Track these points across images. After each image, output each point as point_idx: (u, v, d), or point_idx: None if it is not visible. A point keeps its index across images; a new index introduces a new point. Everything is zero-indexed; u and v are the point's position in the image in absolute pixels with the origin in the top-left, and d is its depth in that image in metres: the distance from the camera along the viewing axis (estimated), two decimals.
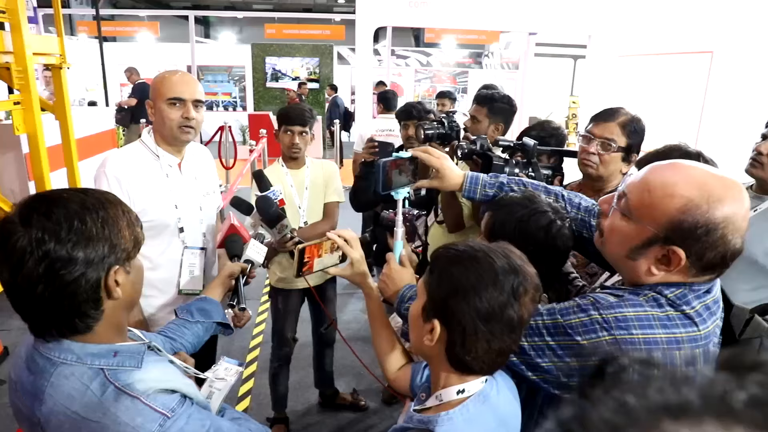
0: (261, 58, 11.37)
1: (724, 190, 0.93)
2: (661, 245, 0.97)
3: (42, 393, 0.92)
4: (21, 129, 3.94)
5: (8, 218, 0.89)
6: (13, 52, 3.75)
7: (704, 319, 1.00)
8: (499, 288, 0.89)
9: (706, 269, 0.98)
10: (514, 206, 1.29)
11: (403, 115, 2.95)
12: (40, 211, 0.88)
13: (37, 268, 0.86)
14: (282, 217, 1.93)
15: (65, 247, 0.87)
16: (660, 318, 0.98)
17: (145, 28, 13.10)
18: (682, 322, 0.98)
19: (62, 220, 0.88)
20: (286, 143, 2.45)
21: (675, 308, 0.99)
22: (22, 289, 0.88)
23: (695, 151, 1.63)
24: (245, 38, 19.18)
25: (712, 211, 0.92)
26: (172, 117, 1.82)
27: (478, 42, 13.71)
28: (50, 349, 0.93)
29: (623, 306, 1.00)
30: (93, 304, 0.93)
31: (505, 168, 1.82)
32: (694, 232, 0.93)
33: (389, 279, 1.36)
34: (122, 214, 0.97)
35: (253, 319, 4.03)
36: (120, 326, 1.02)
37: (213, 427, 0.99)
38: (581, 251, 1.45)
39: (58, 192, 0.94)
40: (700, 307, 1.00)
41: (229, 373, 1.37)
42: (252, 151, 6.21)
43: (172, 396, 0.95)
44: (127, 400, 0.90)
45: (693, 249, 0.95)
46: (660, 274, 1.00)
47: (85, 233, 0.89)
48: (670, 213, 0.95)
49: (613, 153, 1.77)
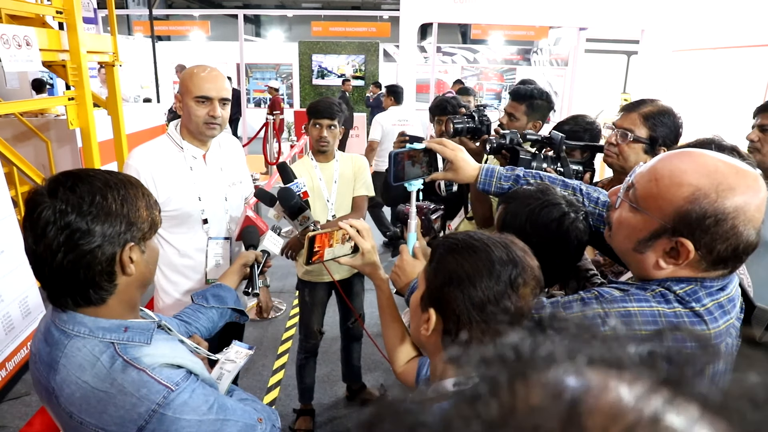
0: (308, 55, 11.53)
1: (736, 178, 0.88)
2: (668, 237, 0.93)
3: (56, 363, 0.97)
4: (75, 123, 4.14)
5: (38, 190, 0.96)
6: (69, 50, 3.95)
7: (715, 318, 0.94)
8: (495, 278, 0.87)
9: (718, 263, 0.92)
10: (527, 198, 1.26)
11: (437, 110, 2.92)
12: (66, 185, 0.94)
13: (58, 237, 0.92)
14: (304, 209, 1.94)
15: (85, 220, 0.93)
16: (666, 314, 0.93)
17: (196, 27, 13.52)
18: (690, 320, 0.93)
19: (85, 194, 0.94)
20: (314, 136, 2.48)
21: (684, 305, 0.94)
22: (44, 257, 0.94)
23: (729, 145, 1.54)
24: (293, 36, 19.51)
25: (722, 200, 0.86)
26: (199, 114, 1.87)
27: (526, 38, 13.42)
28: (65, 322, 0.99)
29: (627, 300, 0.96)
30: (107, 277, 0.98)
31: (533, 162, 1.78)
32: (703, 222, 0.88)
33: (401, 270, 1.36)
34: (141, 196, 1.03)
35: (287, 311, 4.10)
36: (132, 303, 1.07)
37: (217, 402, 1.02)
38: (599, 247, 1.40)
39: (85, 170, 1.00)
40: (712, 305, 0.94)
41: (239, 355, 1.41)
42: (293, 147, 6.30)
43: (177, 371, 0.99)
44: (133, 372, 0.95)
45: (702, 241, 0.89)
46: (669, 267, 0.95)
47: (104, 208, 0.95)
48: (677, 202, 0.90)
49: (632, 143, 1.70)
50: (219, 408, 1.02)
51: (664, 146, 1.68)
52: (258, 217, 1.84)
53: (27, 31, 3.37)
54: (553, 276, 1.30)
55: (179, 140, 1.94)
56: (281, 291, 4.41)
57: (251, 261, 1.66)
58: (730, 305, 0.97)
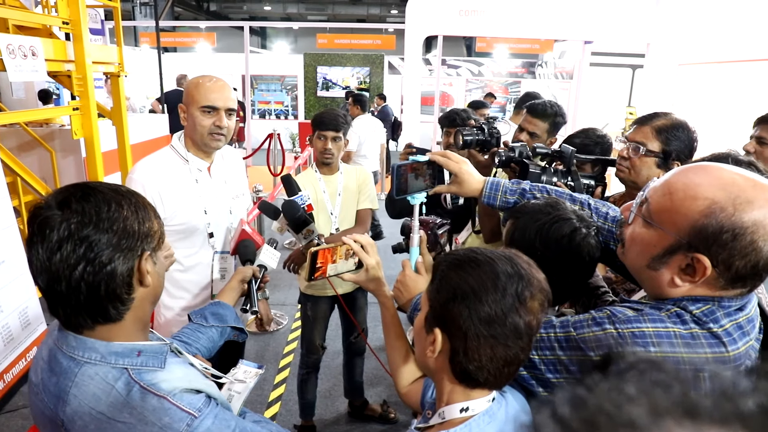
0: (313, 67, 11.56)
1: (754, 191, 0.83)
2: (684, 253, 0.88)
3: (66, 394, 0.91)
4: (79, 133, 4.14)
5: (44, 204, 0.90)
6: (74, 60, 3.95)
7: (734, 339, 0.89)
8: (501, 291, 0.84)
9: (736, 281, 0.88)
10: (537, 213, 1.22)
11: (446, 122, 2.89)
12: (77, 196, 0.90)
13: (76, 250, 0.88)
14: (308, 222, 1.92)
15: (103, 231, 0.89)
16: (683, 336, 0.89)
17: (202, 39, 13.61)
18: (708, 341, 0.88)
19: (100, 204, 0.90)
20: (319, 148, 2.45)
21: (701, 326, 0.89)
22: (58, 274, 0.88)
23: (747, 160, 1.49)
24: (299, 48, 19.64)
25: (739, 214, 0.82)
26: (204, 124, 1.84)
27: (532, 51, 13.44)
28: (74, 348, 0.93)
29: (641, 321, 0.91)
30: (126, 289, 0.94)
31: (543, 176, 1.74)
32: (720, 237, 0.84)
33: (404, 286, 1.32)
34: (149, 206, 1.00)
35: (289, 325, 4.05)
36: (145, 320, 1.02)
37: (238, 427, 0.97)
38: (608, 263, 1.35)
39: (89, 183, 0.96)
40: (731, 326, 0.90)
41: (249, 375, 1.36)
42: (297, 158, 6.29)
43: (198, 396, 0.94)
44: (153, 400, 0.89)
45: (719, 257, 0.85)
46: (685, 285, 0.91)
47: (120, 218, 0.91)
48: (693, 217, 0.86)
49: (644, 157, 1.66)
50: None
51: (677, 160, 1.64)
52: (254, 230, 1.80)
53: (33, 41, 3.37)
54: (564, 293, 1.26)
55: (184, 152, 1.91)
56: (283, 304, 4.37)
57: (249, 277, 1.61)
58: (750, 326, 0.93)
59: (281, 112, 13.19)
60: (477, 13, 7.43)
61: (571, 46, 12.49)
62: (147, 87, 11.41)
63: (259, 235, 1.80)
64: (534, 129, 2.30)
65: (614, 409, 0.30)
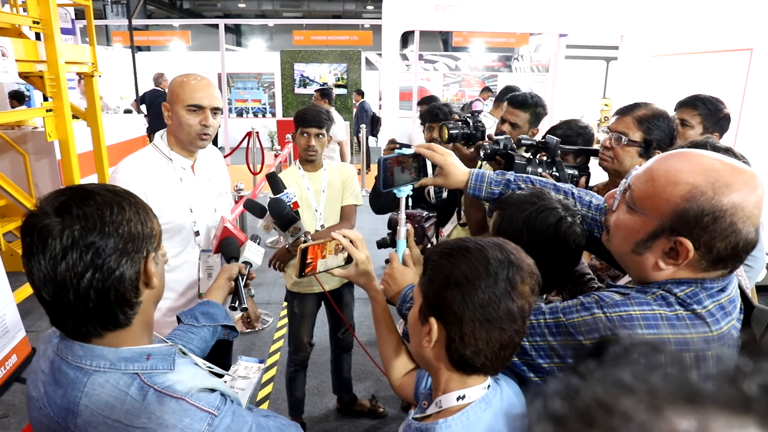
0: (289, 64, 11.48)
1: (732, 175, 0.87)
2: (667, 237, 0.91)
3: (76, 405, 0.88)
4: (53, 135, 4.05)
5: (40, 210, 0.86)
6: (47, 61, 3.86)
7: (717, 320, 0.93)
8: (492, 276, 0.85)
9: (718, 262, 0.91)
10: (523, 203, 1.24)
11: (428, 117, 2.90)
12: (75, 201, 0.86)
13: (83, 258, 0.84)
14: (295, 219, 1.91)
15: (107, 235, 0.86)
16: (668, 317, 0.92)
17: (176, 37, 13.40)
18: (692, 322, 0.92)
19: (102, 207, 0.87)
20: (302, 145, 2.44)
21: (685, 307, 0.92)
22: (66, 283, 0.85)
23: (724, 147, 1.54)
24: (275, 45, 19.48)
25: (719, 197, 0.86)
26: (191, 123, 1.82)
27: (507, 45, 13.54)
28: (81, 357, 0.90)
29: (629, 304, 0.94)
30: (134, 292, 0.91)
31: (528, 167, 1.77)
32: (701, 220, 0.87)
33: (392, 279, 1.32)
34: (146, 205, 0.97)
35: (275, 323, 4.03)
36: (150, 322, 1.00)
37: (254, 422, 0.97)
38: (593, 251, 1.38)
39: (83, 186, 0.92)
40: (713, 306, 0.93)
41: (251, 371, 1.35)
42: (277, 156, 6.25)
43: (213, 394, 0.93)
44: (171, 402, 0.88)
45: (701, 239, 0.88)
46: (668, 268, 0.94)
47: (123, 219, 0.88)
48: (675, 201, 0.89)
49: (626, 146, 1.70)
50: (257, 428, 0.97)
51: (658, 149, 1.67)
52: (236, 227, 1.79)
53: (2, 41, 3.29)
54: (552, 282, 1.28)
55: (167, 151, 1.89)
56: (268, 302, 4.34)
57: (235, 274, 1.59)
58: (731, 306, 0.96)
59: (259, 110, 13.08)
60: (453, 8, 7.46)
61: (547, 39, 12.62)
62: (121, 87, 11.20)
63: (242, 232, 1.78)
64: (516, 120, 2.33)
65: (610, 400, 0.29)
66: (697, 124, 2.28)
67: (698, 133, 2.26)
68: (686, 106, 2.35)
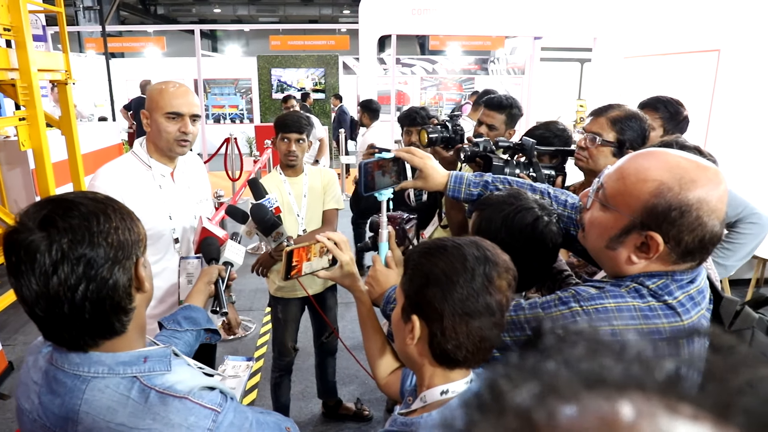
0: (267, 69, 11.44)
1: (697, 171, 0.92)
2: (638, 232, 0.96)
3: (76, 413, 0.88)
4: (27, 144, 3.98)
5: (23, 227, 0.84)
6: (19, 68, 3.80)
7: (687, 309, 0.98)
8: (470, 272, 0.88)
9: (686, 255, 0.96)
10: (501, 204, 1.27)
11: (407, 121, 2.93)
12: (58, 214, 0.84)
13: (75, 270, 0.83)
14: (277, 224, 1.91)
15: (97, 245, 0.85)
16: (641, 309, 0.96)
17: (151, 43, 13.26)
18: (664, 312, 0.97)
19: (88, 217, 0.86)
20: (282, 151, 2.44)
21: (657, 299, 0.97)
22: (58, 297, 0.84)
23: (693, 145, 1.60)
24: (252, 51, 19.37)
25: (685, 192, 0.91)
26: (170, 130, 1.82)
27: (484, 48, 13.70)
28: (78, 365, 0.90)
29: (604, 297, 0.98)
30: (128, 299, 0.91)
31: (506, 168, 1.80)
32: (669, 214, 0.92)
33: (375, 281, 1.35)
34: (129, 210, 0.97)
35: (257, 330, 4.01)
36: (143, 326, 0.99)
37: (254, 418, 0.99)
38: (570, 248, 1.43)
39: (63, 196, 0.90)
40: (683, 297, 0.98)
41: (239, 369, 1.35)
42: (256, 162, 6.22)
43: (214, 392, 0.94)
44: (175, 402, 0.89)
45: (670, 233, 0.93)
46: (641, 262, 0.98)
47: (110, 228, 0.88)
48: (644, 197, 0.93)
49: (600, 147, 1.76)
50: (257, 424, 0.99)
51: (631, 149, 1.72)
52: (215, 224, 1.78)
53: None
54: (531, 279, 1.31)
55: (146, 158, 1.88)
56: (250, 309, 4.32)
57: (215, 278, 1.59)
58: (700, 296, 1.01)
59: (236, 116, 13.00)
60: (429, 12, 7.51)
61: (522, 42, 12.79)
62: (95, 94, 11.03)
63: (221, 229, 1.77)
64: (492, 121, 2.38)
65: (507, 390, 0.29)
66: (658, 127, 2.35)
67: (659, 135, 2.32)
68: (648, 108, 2.41)
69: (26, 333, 3.90)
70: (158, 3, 19.07)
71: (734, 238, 2.25)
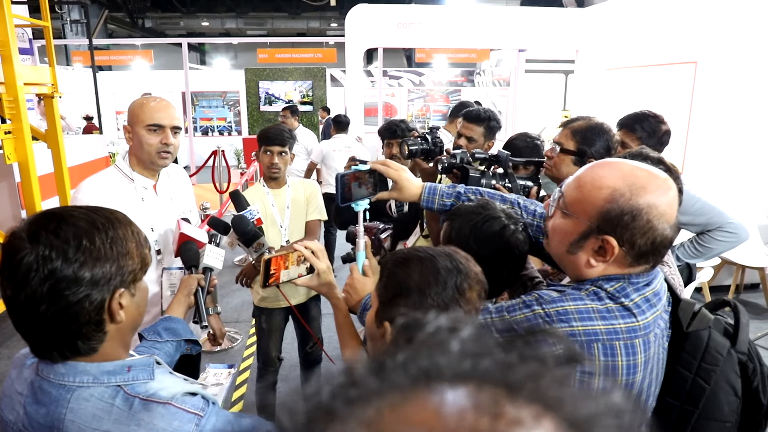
0: (254, 82, 11.49)
1: (647, 179, 0.99)
2: (595, 236, 1.02)
3: (61, 422, 0.90)
4: (12, 158, 3.99)
5: (16, 234, 0.88)
6: (5, 82, 3.82)
7: (643, 311, 1.04)
8: (442, 285, 0.93)
9: (640, 257, 1.02)
10: (469, 214, 1.33)
11: (387, 134, 2.99)
12: (49, 229, 0.87)
13: (41, 286, 0.85)
14: (258, 235, 1.95)
15: (72, 267, 0.86)
16: (599, 310, 1.02)
17: (139, 57, 13.29)
18: (621, 313, 1.02)
19: (71, 238, 0.87)
20: (265, 163, 2.49)
21: (614, 301, 1.03)
22: (25, 308, 0.87)
23: (656, 156, 1.67)
24: (240, 64, 19.44)
25: (635, 198, 0.97)
26: (151, 143, 1.86)
27: (469, 60, 13.87)
28: (63, 375, 0.92)
29: (564, 300, 1.04)
30: (95, 326, 0.92)
31: (482, 180, 1.86)
32: (621, 218, 0.98)
33: (352, 289, 1.39)
34: (131, 235, 0.96)
35: (244, 342, 4.02)
36: (126, 345, 1.02)
37: (236, 422, 1.01)
38: (539, 256, 1.48)
39: (68, 209, 0.93)
40: (639, 299, 1.04)
41: (221, 377, 1.37)
42: (243, 174, 6.25)
43: (196, 397, 0.97)
44: (159, 407, 0.91)
45: (624, 236, 0.99)
46: (599, 265, 1.04)
47: (93, 253, 0.88)
48: (599, 203, 1.00)
49: (561, 155, 1.85)
50: (239, 427, 1.01)
51: (593, 158, 1.79)
52: (193, 228, 1.81)
53: None
54: (500, 285, 1.36)
55: (129, 171, 1.91)
56: (237, 321, 4.33)
57: (194, 288, 1.60)
58: (656, 299, 1.08)
59: (224, 129, 13.02)
60: (415, 25, 7.62)
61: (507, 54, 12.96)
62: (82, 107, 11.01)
63: (200, 232, 1.79)
64: (471, 134, 2.45)
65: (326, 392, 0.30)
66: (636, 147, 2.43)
67: None
68: (625, 129, 2.51)
69: (11, 347, 3.88)
70: (146, 16, 19.10)
71: (707, 242, 2.32)
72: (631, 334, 1.02)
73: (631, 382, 1.02)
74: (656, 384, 1.11)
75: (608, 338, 1.01)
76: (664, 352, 1.13)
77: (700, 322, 1.13)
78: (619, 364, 1.01)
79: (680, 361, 1.12)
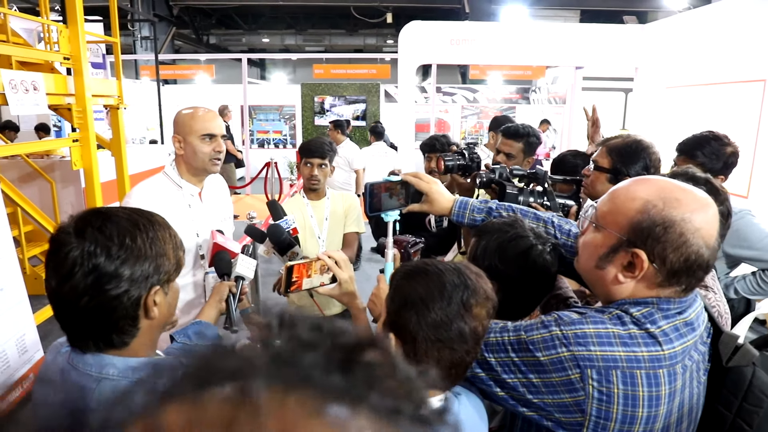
0: (310, 97, 11.77)
1: (683, 193, 0.95)
2: (625, 250, 0.98)
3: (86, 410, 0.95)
4: (78, 164, 4.24)
5: (63, 228, 0.93)
6: (75, 94, 4.08)
7: (671, 339, 0.97)
8: (447, 299, 0.92)
9: (672, 276, 0.96)
10: (497, 231, 1.30)
11: (427, 148, 2.99)
12: (95, 226, 0.92)
13: (85, 280, 0.90)
14: (293, 244, 1.99)
15: (114, 263, 0.91)
16: (621, 336, 0.97)
17: (201, 71, 13.90)
18: (644, 341, 0.97)
19: (114, 236, 0.92)
20: (305, 175, 2.54)
21: (639, 326, 0.98)
22: (68, 299, 0.92)
23: (704, 177, 1.58)
24: (297, 79, 19.96)
25: (668, 209, 0.93)
26: (206, 151, 1.96)
27: (525, 77, 13.71)
28: (90, 365, 0.96)
29: (584, 323, 0.99)
30: (131, 321, 0.97)
31: (520, 197, 1.83)
32: (653, 230, 0.94)
33: (377, 299, 1.39)
34: (169, 237, 1.01)
35: None
36: (153, 344, 1.06)
37: None
38: (572, 276, 1.43)
39: (113, 209, 0.99)
40: (668, 327, 0.98)
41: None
42: (292, 186, 6.39)
43: None
44: None
45: (655, 250, 0.95)
46: (627, 282, 1.00)
47: (134, 251, 0.93)
48: (630, 214, 0.97)
49: (597, 173, 1.80)
50: None
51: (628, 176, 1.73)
52: (226, 239, 1.86)
53: (34, 76, 3.50)
54: (526, 306, 1.33)
55: (177, 179, 2.01)
56: None
57: (225, 295, 1.65)
58: (687, 328, 1.00)
59: (280, 141, 13.37)
60: (468, 42, 7.60)
61: (563, 71, 12.73)
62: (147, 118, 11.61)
63: (233, 242, 1.84)
64: (509, 150, 2.42)
65: None
66: None
67: None
68: (684, 156, 2.30)
69: None
70: (211, 33, 19.99)
71: None
72: (654, 364, 0.95)
73: (653, 414, 0.95)
74: (689, 421, 1.03)
75: (628, 366, 0.95)
76: (700, 387, 1.05)
77: (742, 358, 1.04)
78: (640, 395, 0.94)
79: (719, 399, 1.05)
